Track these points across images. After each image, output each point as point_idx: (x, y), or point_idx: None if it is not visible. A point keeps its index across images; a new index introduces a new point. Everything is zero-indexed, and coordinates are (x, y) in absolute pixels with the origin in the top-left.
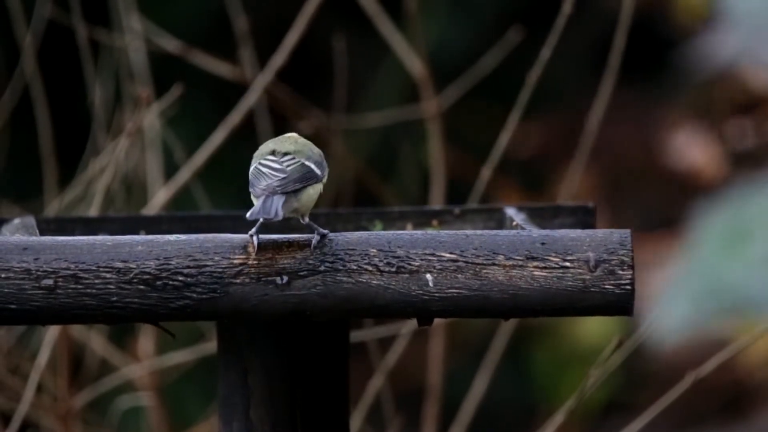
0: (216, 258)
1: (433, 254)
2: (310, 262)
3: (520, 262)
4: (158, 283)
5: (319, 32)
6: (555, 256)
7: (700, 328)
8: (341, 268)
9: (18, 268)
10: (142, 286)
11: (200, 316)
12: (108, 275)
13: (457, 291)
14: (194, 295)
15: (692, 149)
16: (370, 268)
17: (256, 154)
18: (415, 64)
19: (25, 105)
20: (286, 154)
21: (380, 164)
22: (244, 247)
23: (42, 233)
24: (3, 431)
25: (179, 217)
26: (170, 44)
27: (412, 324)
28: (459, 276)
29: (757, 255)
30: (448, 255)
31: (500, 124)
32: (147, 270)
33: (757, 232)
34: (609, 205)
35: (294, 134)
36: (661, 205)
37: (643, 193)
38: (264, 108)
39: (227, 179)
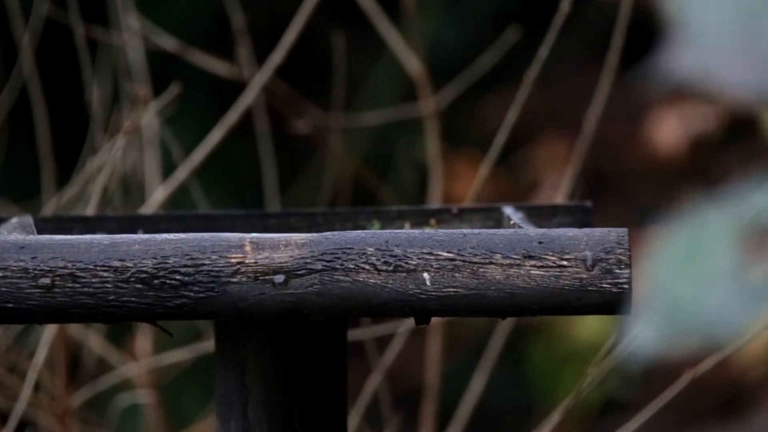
0: (213, 257)
1: (430, 253)
2: (308, 261)
3: (518, 261)
4: (155, 281)
5: (316, 30)
6: (552, 255)
7: (667, 350)
8: (338, 267)
9: (15, 266)
10: (139, 285)
11: (197, 315)
12: (105, 274)
13: (455, 290)
14: (191, 294)
15: (660, 133)
16: (367, 267)
17: None
18: (412, 63)
19: (23, 104)
20: None
21: (378, 163)
22: (241, 246)
23: (40, 232)
24: (1, 430)
25: (177, 216)
26: (168, 43)
27: (409, 323)
28: (456, 275)
29: (712, 273)
30: (445, 254)
31: (497, 123)
32: (144, 269)
33: (713, 248)
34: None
35: None
36: (643, 199)
37: (626, 188)
38: (262, 106)
39: (225, 178)
